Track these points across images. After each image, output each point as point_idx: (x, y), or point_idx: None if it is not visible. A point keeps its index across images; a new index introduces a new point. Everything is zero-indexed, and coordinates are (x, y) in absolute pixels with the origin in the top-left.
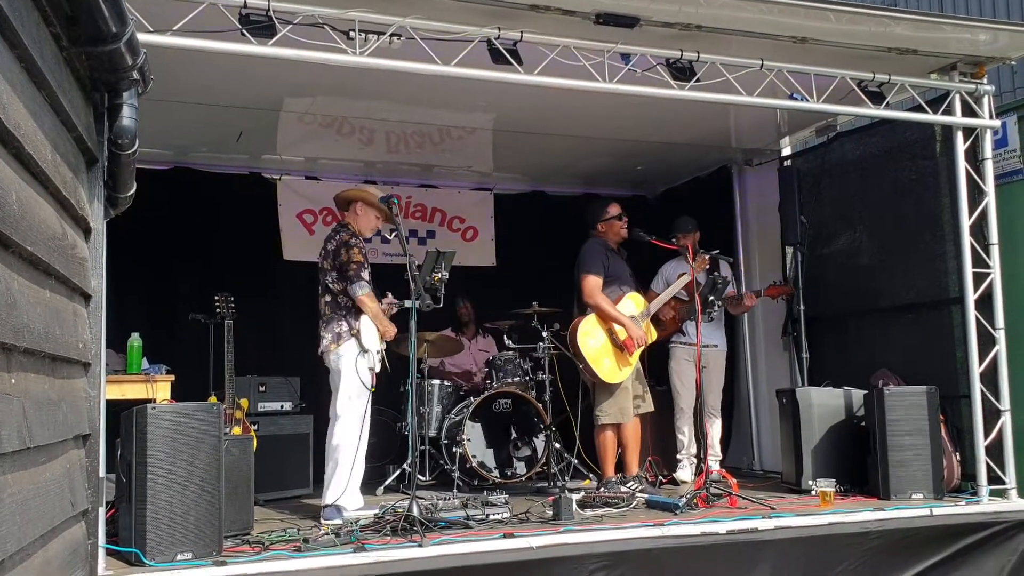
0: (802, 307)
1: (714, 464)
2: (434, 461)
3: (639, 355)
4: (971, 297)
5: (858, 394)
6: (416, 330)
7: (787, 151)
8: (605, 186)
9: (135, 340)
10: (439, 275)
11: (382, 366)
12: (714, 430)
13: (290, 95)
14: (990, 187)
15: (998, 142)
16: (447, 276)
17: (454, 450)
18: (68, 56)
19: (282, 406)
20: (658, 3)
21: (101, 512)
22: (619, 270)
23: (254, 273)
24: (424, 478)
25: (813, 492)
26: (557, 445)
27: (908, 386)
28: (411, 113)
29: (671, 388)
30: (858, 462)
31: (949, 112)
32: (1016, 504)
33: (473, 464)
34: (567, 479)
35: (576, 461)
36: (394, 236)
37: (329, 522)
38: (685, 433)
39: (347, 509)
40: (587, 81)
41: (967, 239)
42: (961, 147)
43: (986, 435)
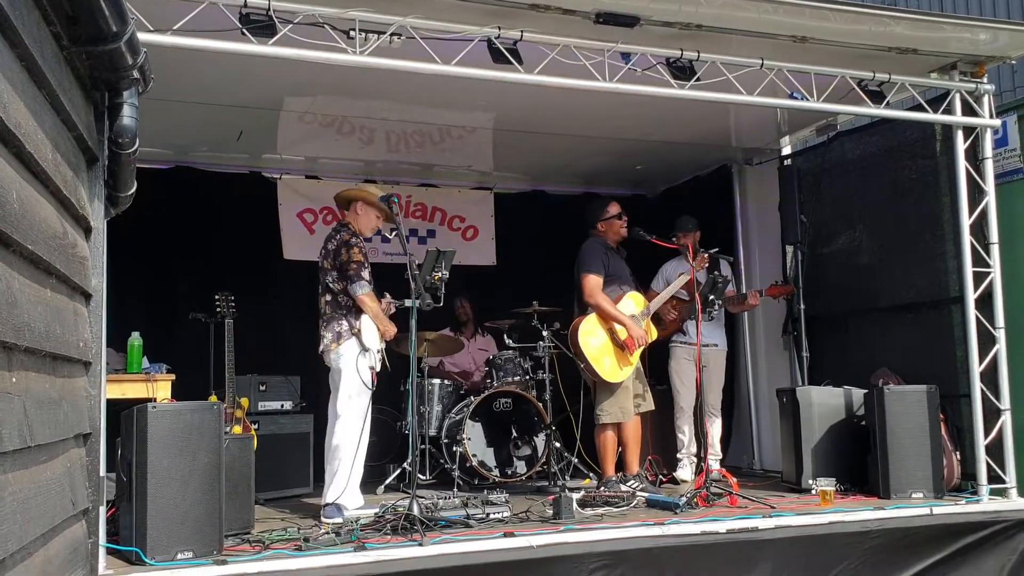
0: (802, 306)
1: (714, 463)
2: (434, 460)
3: (639, 354)
4: (971, 296)
5: (858, 393)
6: (416, 329)
7: (787, 150)
8: (605, 185)
9: (135, 339)
10: (439, 274)
11: (382, 365)
12: (714, 429)
13: (290, 94)
14: (990, 186)
15: (998, 141)
16: (447, 275)
17: (454, 449)
18: (68, 55)
19: (282, 405)
20: (658, 2)
21: (102, 511)
22: (619, 269)
23: (254, 272)
24: (424, 477)
25: (813, 491)
26: (557, 444)
27: (908, 385)
28: (411, 112)
29: (671, 387)
30: (858, 461)
31: (949, 111)
32: (1016, 503)
33: (473, 463)
34: (567, 478)
35: (576, 460)
36: (394, 235)
37: (329, 521)
38: (685, 432)
39: (347, 508)
40: (587, 80)
41: (967, 238)
42: (961, 146)
43: (986, 434)
